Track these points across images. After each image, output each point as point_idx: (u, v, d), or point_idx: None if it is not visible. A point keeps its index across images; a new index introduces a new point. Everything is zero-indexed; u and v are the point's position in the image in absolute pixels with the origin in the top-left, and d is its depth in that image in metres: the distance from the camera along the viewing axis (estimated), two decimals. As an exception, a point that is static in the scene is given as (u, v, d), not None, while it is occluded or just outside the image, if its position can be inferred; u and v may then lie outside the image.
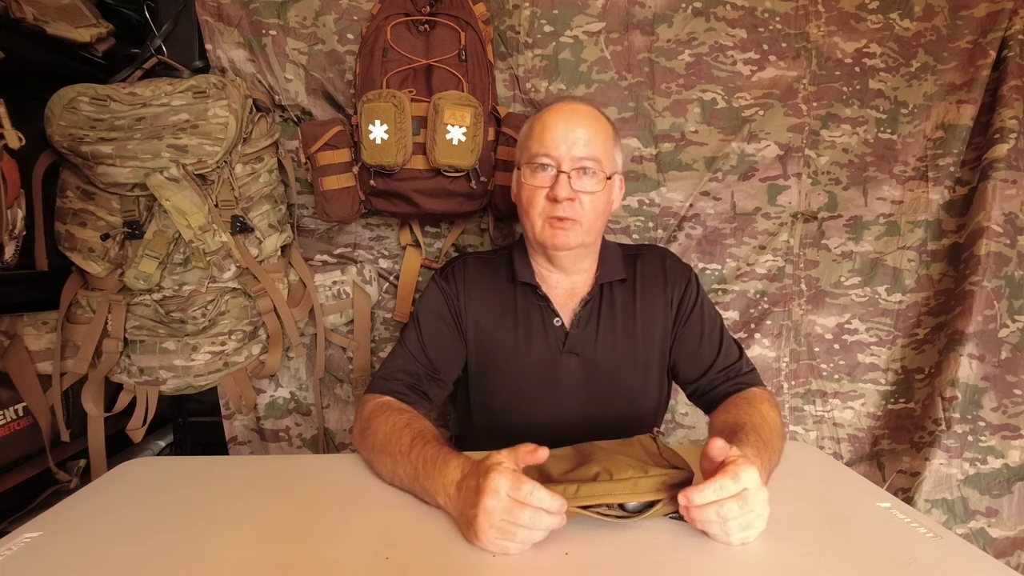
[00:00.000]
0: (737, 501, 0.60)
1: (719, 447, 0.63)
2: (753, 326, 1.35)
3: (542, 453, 0.63)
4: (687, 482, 0.63)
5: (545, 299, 0.98)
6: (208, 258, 1.09)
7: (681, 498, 0.61)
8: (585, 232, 0.92)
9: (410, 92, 1.12)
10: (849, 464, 1.35)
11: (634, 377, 0.99)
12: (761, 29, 1.28)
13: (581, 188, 0.90)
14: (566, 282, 0.99)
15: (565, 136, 0.90)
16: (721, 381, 0.95)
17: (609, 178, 0.93)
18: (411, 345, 0.96)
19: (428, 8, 1.16)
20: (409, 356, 0.95)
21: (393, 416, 0.82)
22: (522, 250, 1.01)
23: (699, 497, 0.60)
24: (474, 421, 1.04)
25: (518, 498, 0.59)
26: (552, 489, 0.60)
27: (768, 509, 0.62)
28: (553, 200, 0.89)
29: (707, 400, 0.97)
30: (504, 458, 0.63)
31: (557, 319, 0.98)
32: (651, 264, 1.02)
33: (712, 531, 0.62)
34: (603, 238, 1.02)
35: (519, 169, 0.98)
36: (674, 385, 1.07)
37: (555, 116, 0.92)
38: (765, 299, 1.35)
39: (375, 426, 0.81)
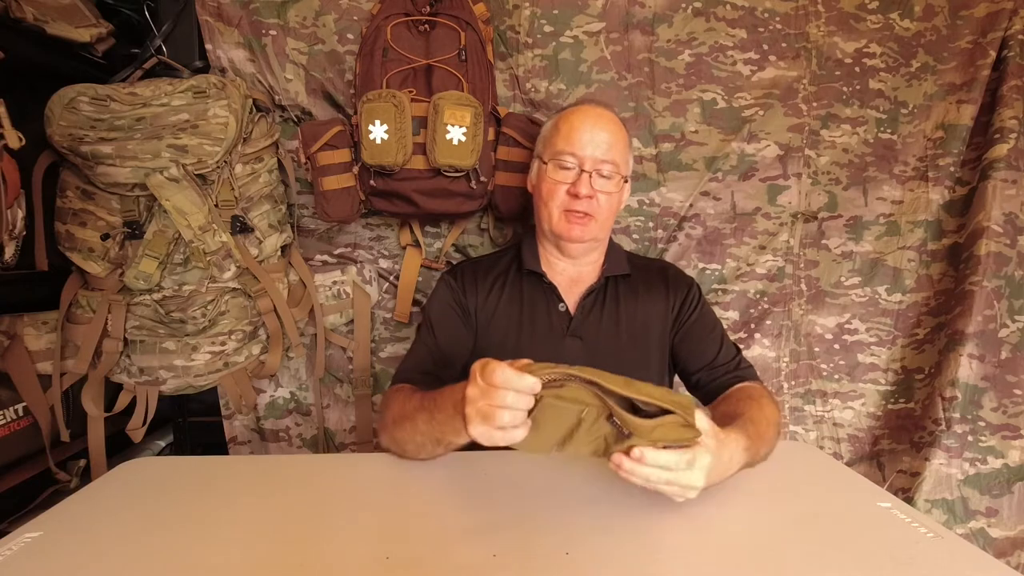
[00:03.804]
0: (673, 476, 0.61)
1: None
2: (753, 326, 1.35)
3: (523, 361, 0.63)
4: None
5: (551, 285, 1.02)
6: (208, 258, 1.09)
7: (635, 452, 0.60)
8: (599, 228, 0.99)
9: (410, 92, 1.12)
10: (849, 464, 1.35)
11: (635, 363, 1.01)
12: (761, 29, 1.28)
13: (600, 188, 0.97)
14: (572, 270, 1.04)
15: (591, 139, 0.97)
16: (721, 374, 0.98)
17: (625, 180, 1.01)
18: (427, 341, 1.00)
19: (428, 8, 1.16)
20: (426, 350, 0.99)
21: (407, 393, 0.86)
22: (531, 241, 1.07)
23: (651, 457, 0.60)
24: None
25: (489, 380, 0.61)
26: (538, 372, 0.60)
27: (696, 490, 0.63)
28: (574, 196, 0.97)
29: (707, 392, 0.99)
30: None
31: (562, 304, 1.02)
32: (655, 270, 1.08)
33: (635, 482, 0.63)
34: (611, 239, 1.08)
35: (543, 163, 1.02)
36: (676, 381, 1.07)
37: (583, 118, 0.99)
38: (765, 299, 1.35)
39: (394, 407, 0.85)
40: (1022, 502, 1.27)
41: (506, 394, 0.60)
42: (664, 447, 0.61)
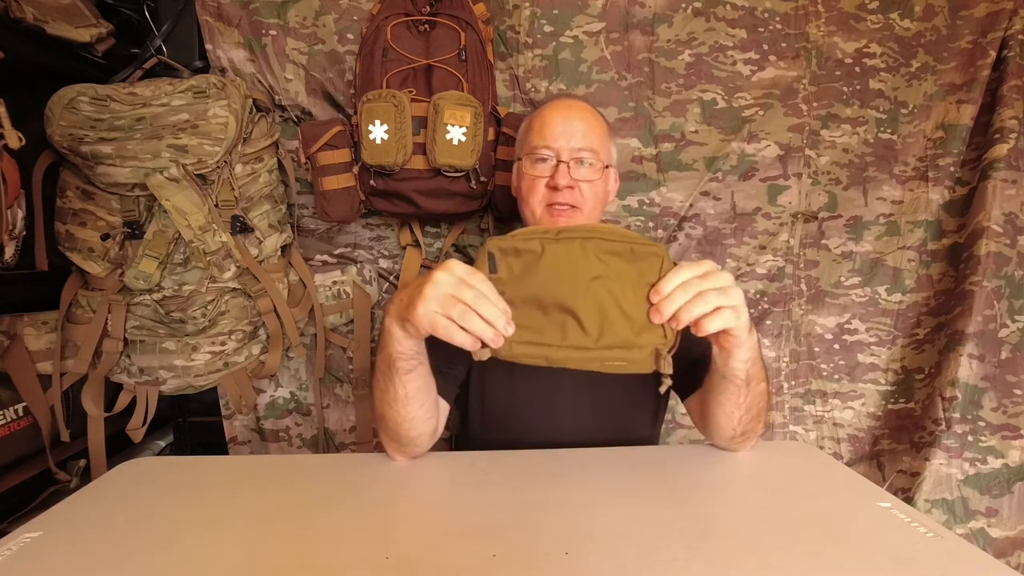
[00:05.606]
0: (696, 274, 0.66)
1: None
2: (753, 326, 1.35)
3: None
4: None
5: None
6: (208, 258, 1.09)
7: (653, 314, 0.65)
8: (585, 220, 0.96)
9: (410, 92, 1.12)
10: (849, 464, 1.35)
11: None
12: (761, 29, 1.28)
13: (580, 177, 0.95)
14: None
15: (564, 129, 0.95)
16: (700, 370, 0.94)
17: (606, 168, 0.98)
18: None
19: (428, 8, 1.16)
20: (428, 346, 0.98)
21: None
22: None
23: (665, 285, 0.64)
24: (471, 412, 1.05)
25: (468, 280, 0.63)
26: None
27: (736, 290, 0.69)
28: (553, 188, 0.94)
29: (686, 391, 0.97)
30: None
31: None
32: None
33: (694, 312, 0.66)
34: None
35: (519, 161, 1.01)
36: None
37: (553, 111, 0.98)
38: (765, 299, 1.35)
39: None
40: (1022, 502, 1.27)
41: (480, 298, 0.62)
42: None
